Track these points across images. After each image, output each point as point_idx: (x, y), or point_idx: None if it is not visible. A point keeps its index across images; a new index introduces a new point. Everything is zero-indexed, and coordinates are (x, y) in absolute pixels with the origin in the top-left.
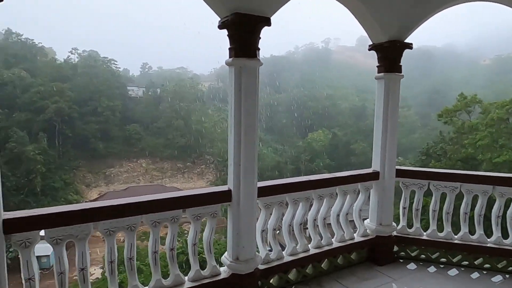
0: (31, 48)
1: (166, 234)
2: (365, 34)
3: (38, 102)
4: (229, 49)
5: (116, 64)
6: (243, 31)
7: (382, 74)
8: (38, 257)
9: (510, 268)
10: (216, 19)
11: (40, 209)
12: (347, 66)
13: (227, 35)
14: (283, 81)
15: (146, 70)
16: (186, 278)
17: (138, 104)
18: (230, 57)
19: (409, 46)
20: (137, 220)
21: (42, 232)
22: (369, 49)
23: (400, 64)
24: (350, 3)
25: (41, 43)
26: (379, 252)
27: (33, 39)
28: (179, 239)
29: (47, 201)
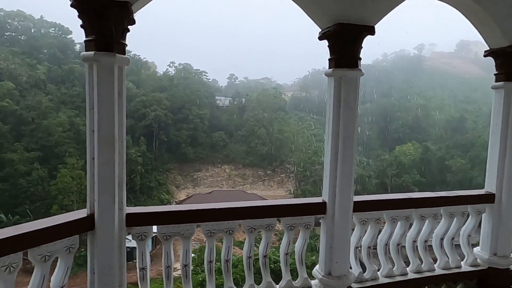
0: (137, 63)
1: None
2: (465, 38)
3: (140, 110)
4: (329, 59)
5: (206, 76)
6: (345, 41)
7: (501, 83)
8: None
9: None
10: (306, 31)
11: (156, 206)
12: (443, 74)
13: (328, 46)
14: (369, 91)
15: (233, 80)
16: (277, 286)
17: (225, 112)
18: (329, 67)
19: None
20: (235, 225)
21: (154, 228)
22: (485, 55)
23: None
24: (466, 6)
25: (145, 58)
26: (492, 286)
27: (139, 55)
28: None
29: (143, 199)
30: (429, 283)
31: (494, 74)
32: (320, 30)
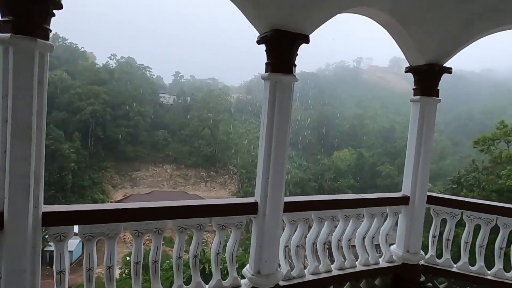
0: (74, 52)
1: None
2: (398, 55)
3: (75, 103)
4: (266, 64)
5: (150, 72)
6: (281, 47)
7: (418, 97)
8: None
9: None
10: (251, 34)
11: (77, 205)
12: (377, 87)
13: (265, 50)
14: (312, 98)
15: (178, 78)
16: (206, 286)
17: (168, 111)
18: (266, 71)
19: (449, 70)
20: (165, 224)
21: (75, 228)
22: (406, 71)
23: (438, 88)
24: (390, 25)
25: (83, 47)
26: (405, 280)
27: (76, 44)
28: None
29: (75, 198)
30: (351, 278)
31: (413, 89)
32: (258, 34)
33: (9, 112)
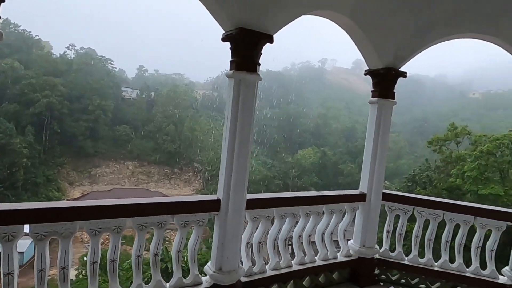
0: (28, 40)
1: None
2: (361, 57)
3: (28, 94)
4: (231, 61)
5: (112, 64)
6: (246, 45)
7: (375, 99)
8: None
9: None
10: (218, 31)
11: (27, 203)
12: (341, 87)
13: (230, 48)
14: (277, 97)
15: (142, 72)
16: (167, 285)
17: (131, 106)
18: (230, 69)
19: (404, 74)
20: (124, 222)
21: (26, 227)
22: (365, 74)
23: (394, 91)
24: (350, 29)
25: (38, 36)
26: (360, 273)
27: (30, 31)
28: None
29: (27, 196)
30: (310, 273)
31: (371, 91)
32: (223, 32)
33: None
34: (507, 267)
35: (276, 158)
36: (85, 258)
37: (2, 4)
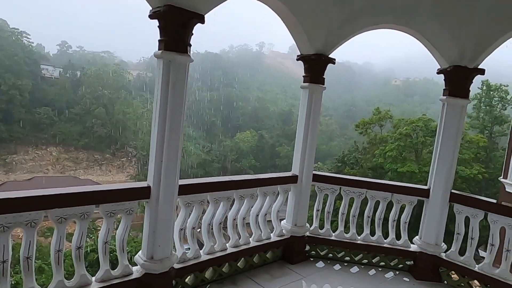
0: None
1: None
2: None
3: None
4: (159, 41)
5: (28, 38)
6: (175, 24)
7: (307, 84)
8: None
9: (400, 266)
10: (147, 7)
11: None
12: (278, 71)
13: (158, 26)
14: (215, 79)
15: (65, 49)
16: (93, 278)
17: (53, 85)
18: (159, 49)
19: (332, 61)
20: (40, 216)
21: None
22: (297, 59)
23: (324, 77)
24: (283, 14)
25: None
26: (292, 251)
27: None
28: (91, 236)
29: None
30: (245, 254)
31: (303, 76)
32: (151, 8)
33: None
34: (417, 237)
35: (214, 142)
36: None
37: None
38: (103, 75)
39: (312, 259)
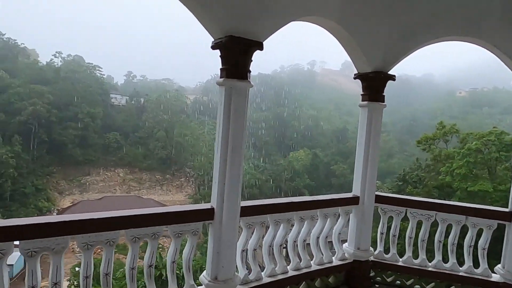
0: (13, 48)
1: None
2: (349, 59)
3: (15, 103)
4: (221, 69)
5: (100, 71)
6: (236, 53)
7: (366, 102)
8: None
9: None
10: (207, 36)
11: (17, 219)
12: (330, 89)
13: (220, 56)
14: (268, 99)
15: (131, 78)
16: None
17: (120, 112)
18: (221, 77)
19: (392, 77)
20: (117, 235)
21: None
22: (355, 78)
23: (384, 94)
24: (338, 33)
25: (23, 44)
26: (356, 276)
27: (15, 39)
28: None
29: (15, 207)
30: (306, 278)
31: (361, 95)
32: (212, 40)
33: None
34: (499, 265)
35: (268, 161)
36: (77, 269)
37: None
38: (163, 101)
39: (377, 285)
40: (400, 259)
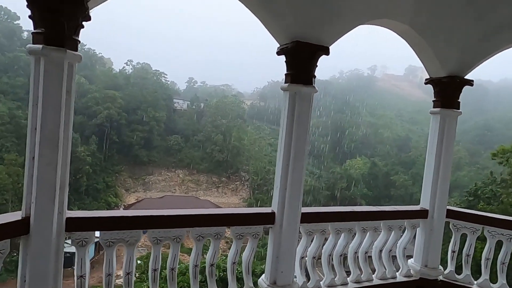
0: (92, 57)
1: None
2: (413, 64)
3: (92, 107)
4: (286, 74)
5: (165, 77)
6: (302, 58)
7: (438, 109)
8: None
9: None
10: (266, 42)
11: (99, 211)
12: (392, 95)
13: (285, 61)
14: (325, 105)
15: (192, 84)
16: None
17: (182, 116)
18: (286, 82)
19: (470, 82)
20: (184, 232)
21: (97, 233)
22: (426, 83)
23: (459, 100)
24: (410, 37)
25: (101, 53)
26: None
27: (94, 49)
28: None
29: (89, 201)
30: None
31: (433, 101)
32: (278, 45)
33: (38, 120)
34: None
35: (323, 169)
36: (138, 262)
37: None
38: (222, 106)
39: None
40: (475, 282)
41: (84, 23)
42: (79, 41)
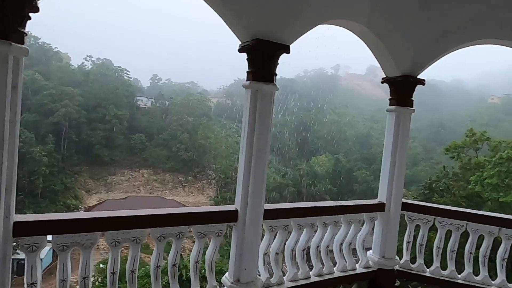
0: (47, 52)
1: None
2: (374, 63)
3: (48, 104)
4: (247, 72)
5: (128, 74)
6: (263, 56)
7: (393, 107)
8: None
9: None
10: (231, 40)
11: (50, 214)
12: (354, 94)
13: (246, 59)
14: (290, 104)
15: (156, 82)
16: None
17: (146, 114)
18: (247, 80)
19: (422, 82)
20: (144, 233)
21: (49, 237)
22: (382, 82)
23: (412, 99)
24: (367, 37)
25: (57, 47)
26: (380, 285)
27: (50, 44)
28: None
29: (45, 204)
30: (329, 285)
31: (389, 99)
32: (240, 42)
33: None
34: None
35: (289, 166)
36: (101, 265)
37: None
38: (187, 104)
39: None
40: (428, 270)
41: (32, 14)
42: (26, 34)
